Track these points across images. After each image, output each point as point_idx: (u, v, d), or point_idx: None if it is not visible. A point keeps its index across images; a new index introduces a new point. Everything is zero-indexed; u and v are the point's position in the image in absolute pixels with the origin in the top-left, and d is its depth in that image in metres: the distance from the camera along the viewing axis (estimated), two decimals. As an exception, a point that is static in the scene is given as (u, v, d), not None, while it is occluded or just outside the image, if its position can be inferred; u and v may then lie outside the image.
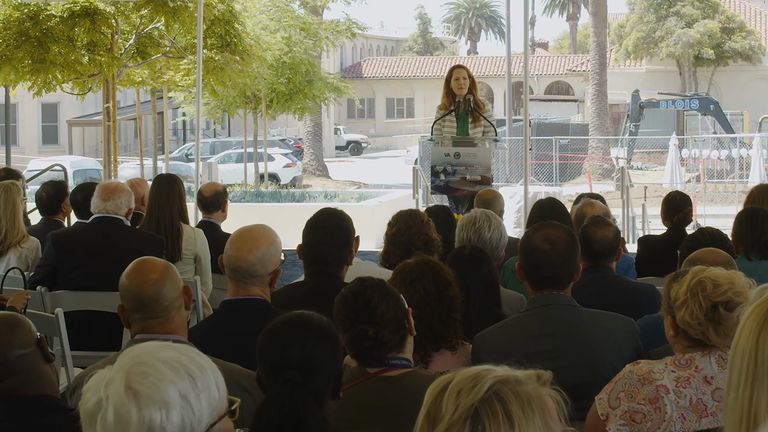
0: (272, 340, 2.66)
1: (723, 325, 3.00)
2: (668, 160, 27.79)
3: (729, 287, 3.01)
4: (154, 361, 1.97)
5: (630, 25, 43.77)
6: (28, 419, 2.79)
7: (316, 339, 2.65)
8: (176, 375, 1.96)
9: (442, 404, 1.81)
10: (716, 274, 3.06)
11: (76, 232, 6.18)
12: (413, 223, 5.01)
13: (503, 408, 1.78)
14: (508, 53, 29.18)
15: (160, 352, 2.00)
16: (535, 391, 1.82)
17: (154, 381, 1.93)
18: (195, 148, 11.76)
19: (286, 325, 2.70)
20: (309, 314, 2.74)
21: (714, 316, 3.01)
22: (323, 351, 2.64)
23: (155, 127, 23.66)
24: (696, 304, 3.02)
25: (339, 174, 38.21)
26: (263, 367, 2.64)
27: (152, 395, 1.91)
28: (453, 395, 1.81)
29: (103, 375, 1.95)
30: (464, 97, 8.73)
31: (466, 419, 1.78)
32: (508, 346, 3.77)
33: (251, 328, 3.75)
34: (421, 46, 74.61)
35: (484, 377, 1.82)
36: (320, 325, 2.70)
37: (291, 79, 27.05)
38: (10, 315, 2.93)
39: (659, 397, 2.99)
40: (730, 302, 3.00)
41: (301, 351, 2.60)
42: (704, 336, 3.03)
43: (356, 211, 8.29)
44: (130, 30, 15.20)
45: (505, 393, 1.80)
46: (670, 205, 6.59)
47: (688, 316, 3.03)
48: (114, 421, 1.89)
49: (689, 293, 3.03)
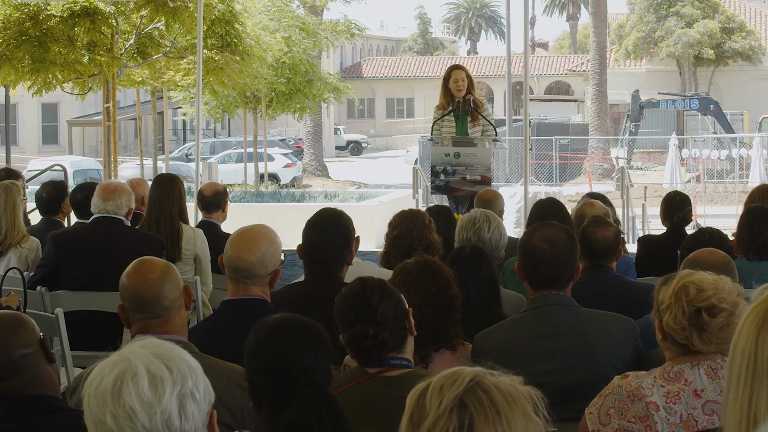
0: (278, 348, 2.67)
1: (707, 332, 2.96)
2: (668, 160, 27.80)
3: (713, 293, 2.97)
4: (165, 343, 1.99)
5: (630, 25, 43.78)
6: (29, 419, 2.79)
7: (316, 342, 2.69)
8: (189, 356, 2.00)
9: (425, 403, 1.81)
10: (702, 278, 3.02)
11: (76, 232, 6.18)
12: (414, 227, 5.01)
13: (488, 397, 1.79)
14: (508, 53, 29.18)
15: (162, 343, 2.03)
16: (513, 387, 1.83)
17: (178, 355, 1.96)
18: (195, 148, 11.76)
19: (285, 331, 2.71)
20: (297, 317, 2.76)
21: (697, 322, 2.97)
22: (323, 354, 2.68)
23: (155, 127, 23.65)
24: (679, 308, 2.99)
25: (339, 174, 38.21)
26: (266, 376, 2.64)
27: (178, 362, 1.94)
28: (436, 392, 1.81)
29: (110, 360, 1.95)
30: (464, 97, 8.73)
31: (452, 409, 1.78)
32: (508, 346, 3.77)
33: (251, 328, 3.76)
34: (421, 46, 74.61)
35: (462, 373, 1.83)
36: (313, 328, 2.73)
37: (291, 79, 27.07)
38: (14, 314, 2.92)
39: (649, 415, 2.97)
40: (713, 308, 2.95)
41: (309, 355, 2.63)
42: (688, 341, 3.00)
43: (356, 211, 8.29)
44: (131, 30, 15.20)
45: (487, 385, 1.81)
46: (670, 205, 6.59)
47: (671, 321, 3.00)
48: (149, 382, 1.88)
49: (674, 297, 3.01)
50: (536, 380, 3.67)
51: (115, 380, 1.90)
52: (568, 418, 3.50)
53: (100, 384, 1.91)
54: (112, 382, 1.90)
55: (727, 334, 2.94)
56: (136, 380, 1.89)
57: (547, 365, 3.72)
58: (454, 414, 1.77)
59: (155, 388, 1.90)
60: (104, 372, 1.92)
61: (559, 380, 3.70)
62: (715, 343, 2.97)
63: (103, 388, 1.90)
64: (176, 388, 1.91)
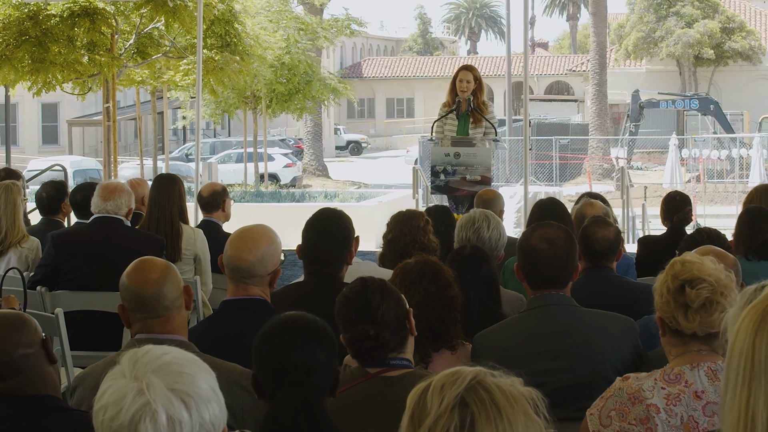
0: (274, 344, 2.67)
1: (691, 309, 3.00)
2: (668, 160, 27.81)
3: (698, 267, 3.03)
4: (176, 360, 1.97)
5: (630, 25, 43.76)
6: (30, 419, 2.80)
7: (315, 340, 2.68)
8: (200, 370, 1.98)
9: (427, 402, 1.81)
10: (691, 257, 3.09)
11: (76, 232, 6.19)
12: (408, 231, 5.02)
13: (489, 397, 1.79)
14: (508, 53, 29.18)
15: (169, 352, 2.00)
16: (514, 387, 1.84)
17: (191, 379, 1.94)
18: (195, 148, 11.76)
19: (286, 327, 2.71)
20: (304, 315, 2.76)
21: (680, 297, 3.01)
22: (323, 352, 2.67)
23: (155, 127, 23.66)
24: (665, 284, 3.05)
25: (339, 174, 38.20)
26: (263, 371, 2.65)
27: (196, 392, 1.92)
28: (437, 391, 1.82)
29: (126, 387, 1.91)
30: (465, 97, 8.73)
31: (454, 407, 1.78)
32: (507, 346, 3.77)
33: (251, 328, 3.74)
34: (421, 46, 74.60)
35: (464, 372, 1.84)
36: (317, 326, 2.73)
37: (290, 80, 27.07)
38: (17, 314, 2.92)
39: (650, 417, 2.98)
40: (695, 280, 3.00)
41: (304, 353, 2.63)
42: (675, 322, 3.03)
43: (356, 211, 8.30)
44: (130, 30, 15.21)
45: (489, 384, 1.81)
46: (670, 205, 6.59)
47: (659, 298, 3.06)
48: (167, 424, 1.87)
49: (663, 276, 3.08)
50: (536, 380, 3.67)
51: (132, 417, 1.87)
52: (568, 418, 3.51)
53: (116, 417, 1.88)
54: (130, 419, 1.87)
55: (712, 315, 2.98)
56: (154, 420, 1.88)
57: (547, 365, 3.72)
58: (456, 412, 1.78)
59: (173, 431, 1.90)
60: (123, 404, 1.88)
61: (558, 380, 3.70)
62: (699, 322, 2.99)
63: (120, 423, 1.88)
64: (194, 431, 1.91)
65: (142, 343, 2.26)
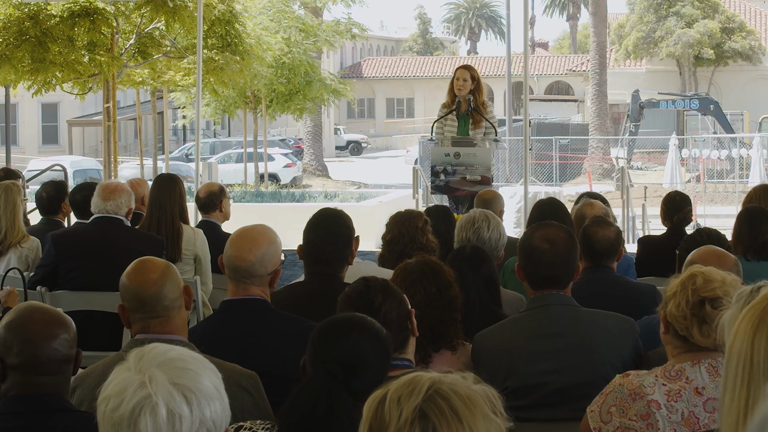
0: (327, 334, 2.68)
1: (707, 324, 2.98)
2: (668, 160, 27.80)
3: (719, 285, 2.99)
4: (181, 356, 1.98)
5: (630, 25, 43.76)
6: (39, 418, 2.81)
7: (369, 342, 2.67)
8: (205, 368, 1.99)
9: (384, 414, 1.79)
10: (711, 271, 3.05)
11: (76, 232, 6.18)
12: (406, 231, 5.02)
13: (448, 405, 1.77)
14: (508, 53, 29.15)
15: (176, 349, 2.01)
16: (470, 389, 1.82)
17: (195, 376, 1.95)
18: (195, 148, 11.76)
19: (345, 323, 2.72)
20: (370, 320, 2.76)
21: (699, 313, 2.99)
22: (373, 356, 2.65)
23: (155, 127, 23.65)
24: (684, 296, 3.02)
25: (339, 174, 38.20)
26: (310, 357, 2.66)
27: (198, 388, 1.93)
28: (394, 403, 1.79)
29: (129, 379, 1.93)
30: (464, 97, 8.73)
31: (413, 420, 1.76)
32: (507, 346, 3.77)
33: (251, 328, 3.76)
34: (421, 46, 74.60)
35: (419, 381, 1.81)
36: (378, 332, 2.72)
37: (290, 80, 27.07)
38: (66, 318, 3.00)
39: (651, 413, 2.98)
40: (717, 300, 2.97)
41: (351, 350, 2.62)
42: (688, 332, 3.01)
43: (356, 211, 8.29)
44: (131, 30, 15.21)
45: (446, 391, 1.79)
46: (670, 205, 6.59)
47: (674, 308, 3.03)
48: (167, 417, 1.88)
49: (680, 285, 3.04)
50: (536, 380, 3.70)
51: (133, 409, 1.89)
52: (568, 418, 3.51)
53: (117, 408, 1.90)
54: (130, 411, 1.89)
55: None
56: (154, 413, 1.88)
57: (547, 365, 3.72)
58: (416, 425, 1.75)
59: (173, 424, 1.90)
60: (124, 396, 1.90)
61: (558, 380, 3.70)
62: (713, 338, 2.98)
63: (121, 414, 1.89)
64: (194, 426, 1.91)
65: (143, 343, 2.26)
